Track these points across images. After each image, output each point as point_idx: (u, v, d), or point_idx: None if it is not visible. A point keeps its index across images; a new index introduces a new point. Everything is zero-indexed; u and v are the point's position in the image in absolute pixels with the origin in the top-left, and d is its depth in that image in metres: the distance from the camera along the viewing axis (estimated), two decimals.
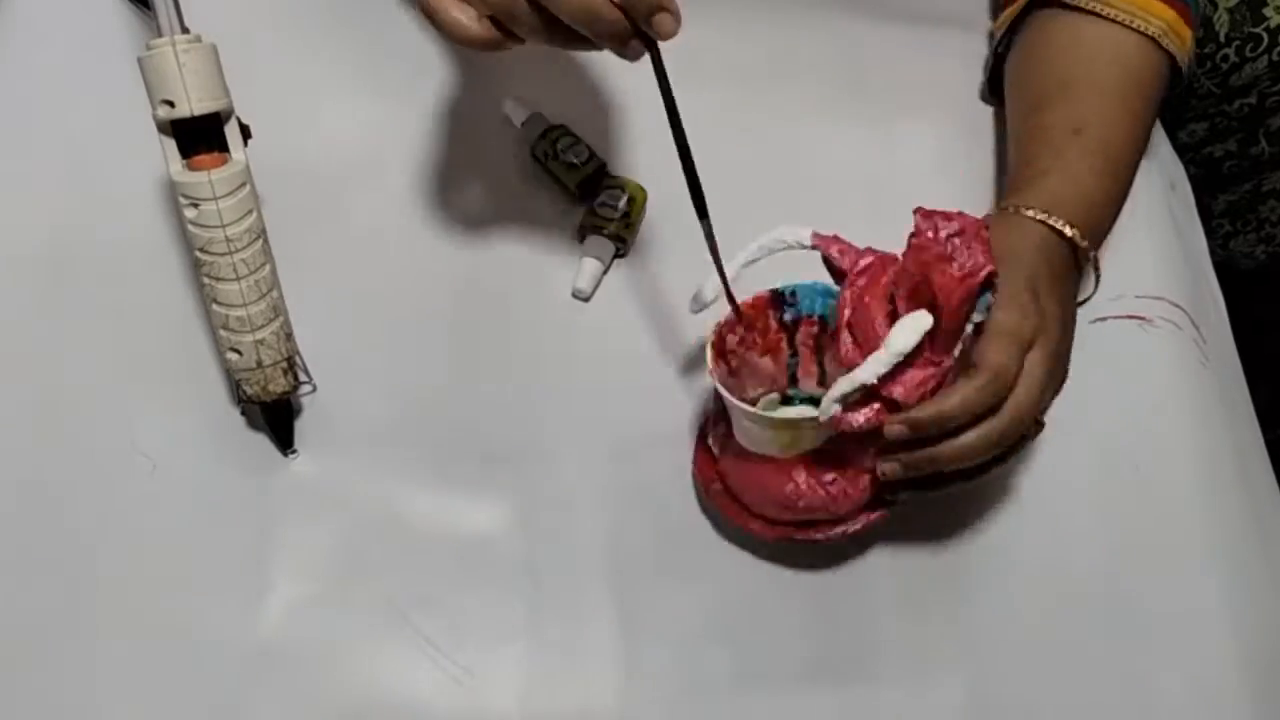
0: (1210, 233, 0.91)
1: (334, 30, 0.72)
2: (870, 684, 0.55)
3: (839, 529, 0.55)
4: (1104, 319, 0.66)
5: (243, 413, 0.59)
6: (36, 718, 0.52)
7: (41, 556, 0.55)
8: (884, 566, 0.58)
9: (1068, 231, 0.56)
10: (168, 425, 0.59)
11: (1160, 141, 0.76)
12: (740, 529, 0.56)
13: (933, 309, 0.50)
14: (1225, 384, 0.67)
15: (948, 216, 0.51)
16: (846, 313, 0.53)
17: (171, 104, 0.50)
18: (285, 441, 0.58)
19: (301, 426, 0.59)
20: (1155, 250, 0.69)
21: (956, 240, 0.50)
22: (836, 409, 0.50)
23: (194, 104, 0.50)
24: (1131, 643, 0.57)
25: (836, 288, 0.54)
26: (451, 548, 0.57)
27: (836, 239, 0.55)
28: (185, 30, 0.51)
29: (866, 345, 0.52)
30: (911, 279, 0.51)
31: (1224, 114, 0.86)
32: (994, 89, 0.73)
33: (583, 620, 0.56)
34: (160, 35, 0.50)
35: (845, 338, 0.52)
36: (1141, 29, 0.64)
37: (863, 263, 0.53)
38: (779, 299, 0.57)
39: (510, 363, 0.62)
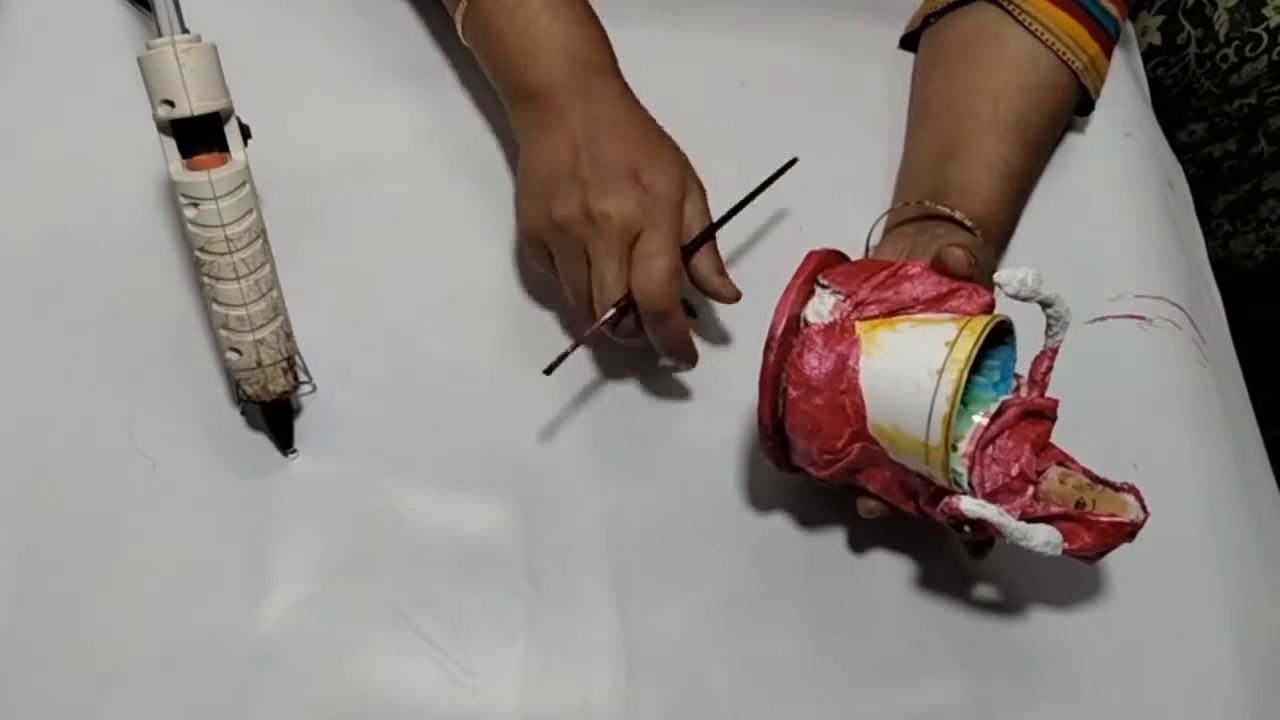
0: (1210, 233, 0.91)
1: (334, 30, 0.72)
2: (870, 684, 0.55)
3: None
4: (1103, 319, 0.66)
5: (243, 413, 0.59)
6: (36, 718, 0.52)
7: (41, 556, 0.55)
8: (884, 566, 0.58)
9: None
10: (168, 425, 0.59)
11: (1160, 141, 0.76)
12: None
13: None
14: (1225, 384, 0.67)
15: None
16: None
17: (171, 104, 0.50)
18: (285, 441, 0.58)
19: (301, 426, 0.59)
20: (1154, 250, 0.69)
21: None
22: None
23: (194, 104, 0.50)
24: (1132, 643, 0.57)
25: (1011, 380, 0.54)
26: (451, 548, 0.57)
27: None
28: (185, 30, 0.51)
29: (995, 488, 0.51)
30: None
31: (1224, 114, 0.86)
32: (908, 44, 0.75)
33: (583, 620, 0.56)
34: (160, 35, 0.50)
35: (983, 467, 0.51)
36: (1070, 62, 0.66)
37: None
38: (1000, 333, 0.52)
39: (510, 362, 0.62)
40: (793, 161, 0.62)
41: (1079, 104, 0.69)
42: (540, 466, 0.59)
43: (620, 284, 0.56)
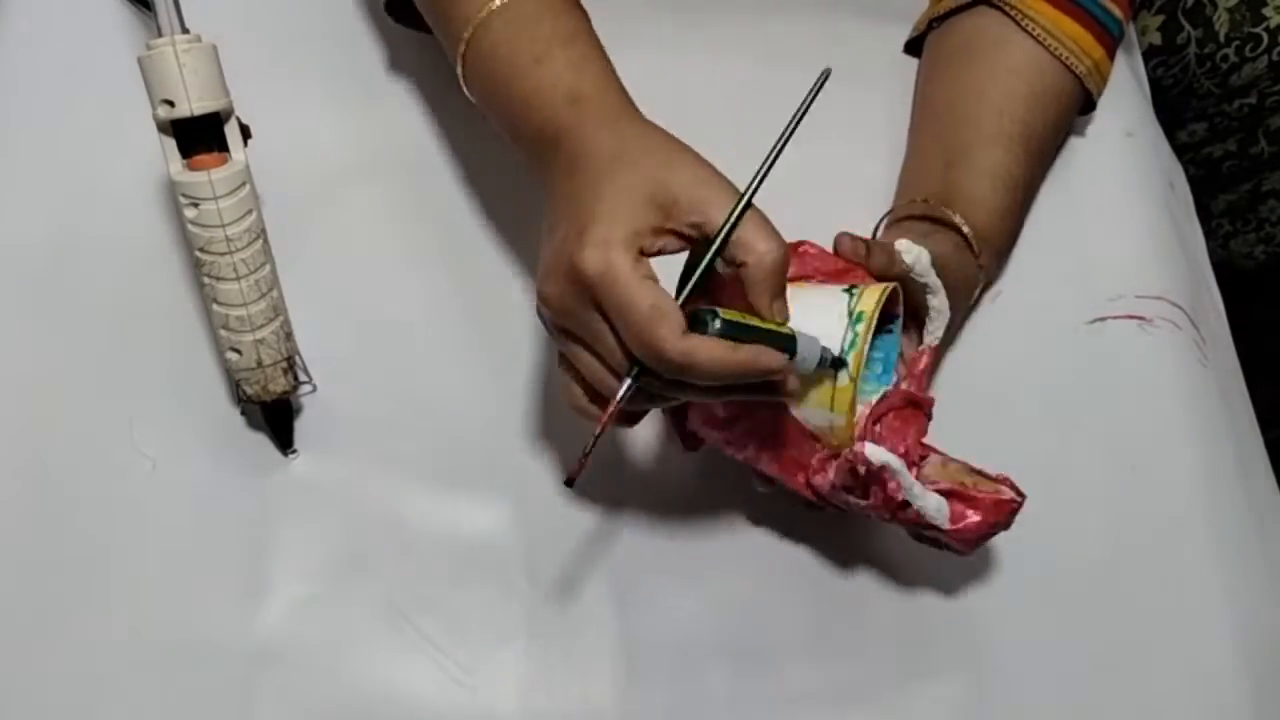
0: (1210, 233, 0.91)
1: (334, 29, 0.72)
2: (870, 684, 0.55)
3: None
4: (1103, 319, 0.66)
5: (243, 413, 0.59)
6: (36, 718, 0.52)
7: (41, 556, 0.55)
8: (884, 567, 0.58)
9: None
10: (168, 425, 0.59)
11: (1160, 141, 0.76)
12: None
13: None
14: (1225, 384, 0.67)
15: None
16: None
17: (171, 104, 0.50)
18: (285, 441, 0.58)
19: (301, 426, 0.59)
20: (1155, 250, 0.69)
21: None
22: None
23: (194, 104, 0.50)
24: (1131, 643, 0.57)
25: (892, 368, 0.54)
26: (451, 548, 0.57)
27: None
28: (185, 30, 0.51)
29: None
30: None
31: (1224, 114, 0.86)
32: (912, 49, 0.75)
33: (583, 620, 0.56)
34: (160, 35, 0.50)
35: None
36: (1073, 67, 0.66)
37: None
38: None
39: (510, 362, 0.62)
40: (825, 74, 0.51)
41: (1081, 105, 0.69)
42: (540, 466, 0.59)
43: (615, 353, 0.45)
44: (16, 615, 0.54)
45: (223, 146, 0.53)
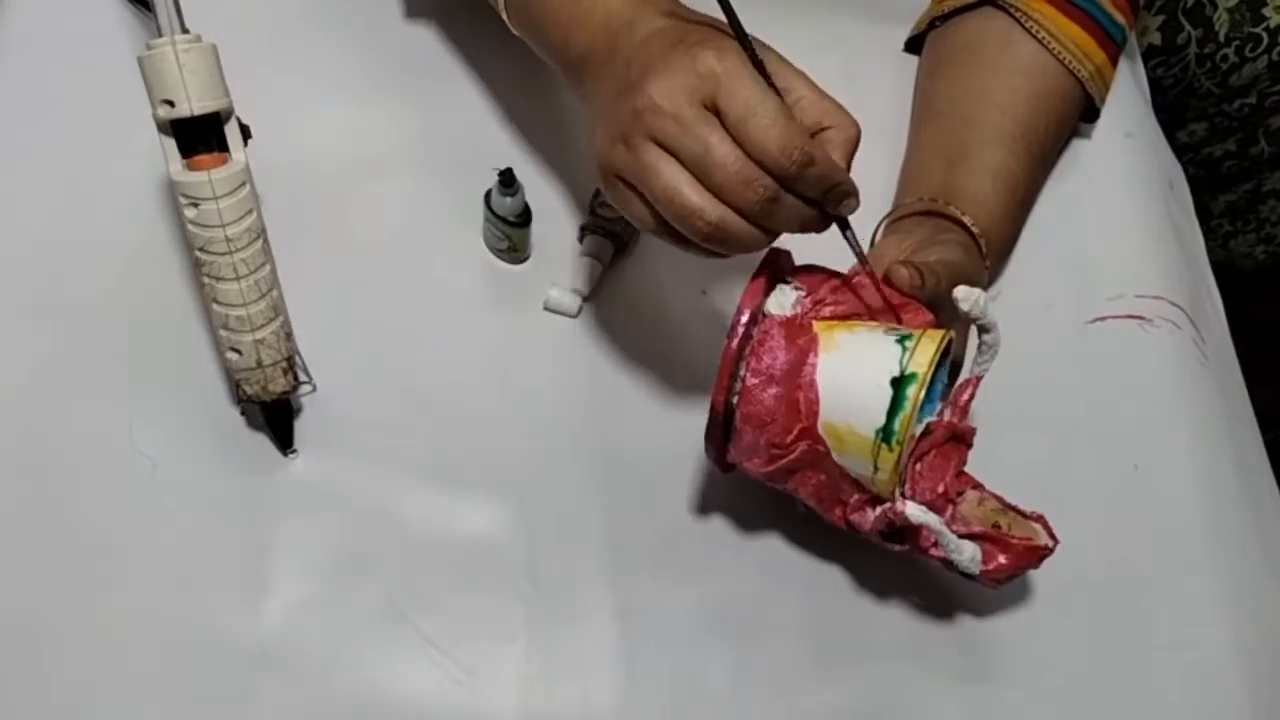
0: (1210, 233, 0.91)
1: (334, 29, 0.72)
2: (870, 683, 0.55)
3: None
4: (1103, 319, 0.66)
5: (243, 413, 0.59)
6: (36, 718, 0.52)
7: (41, 556, 0.55)
8: (884, 567, 0.58)
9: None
10: (168, 425, 0.59)
11: (1160, 142, 0.76)
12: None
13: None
14: (1225, 384, 0.67)
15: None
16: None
17: (171, 104, 0.50)
18: (285, 441, 0.58)
19: (301, 426, 0.59)
20: (1154, 250, 0.69)
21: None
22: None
23: (194, 104, 0.50)
24: (1131, 642, 0.57)
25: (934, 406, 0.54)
26: (451, 548, 0.57)
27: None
28: (185, 30, 0.51)
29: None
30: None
31: (1224, 114, 0.86)
32: (913, 46, 0.75)
33: (583, 620, 0.56)
34: (160, 35, 0.50)
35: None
36: (1076, 71, 0.66)
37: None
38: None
39: (510, 361, 0.62)
40: None
41: (1084, 111, 0.69)
42: (540, 467, 0.59)
43: (733, 159, 0.44)
44: (16, 615, 0.54)
45: (223, 146, 0.52)
